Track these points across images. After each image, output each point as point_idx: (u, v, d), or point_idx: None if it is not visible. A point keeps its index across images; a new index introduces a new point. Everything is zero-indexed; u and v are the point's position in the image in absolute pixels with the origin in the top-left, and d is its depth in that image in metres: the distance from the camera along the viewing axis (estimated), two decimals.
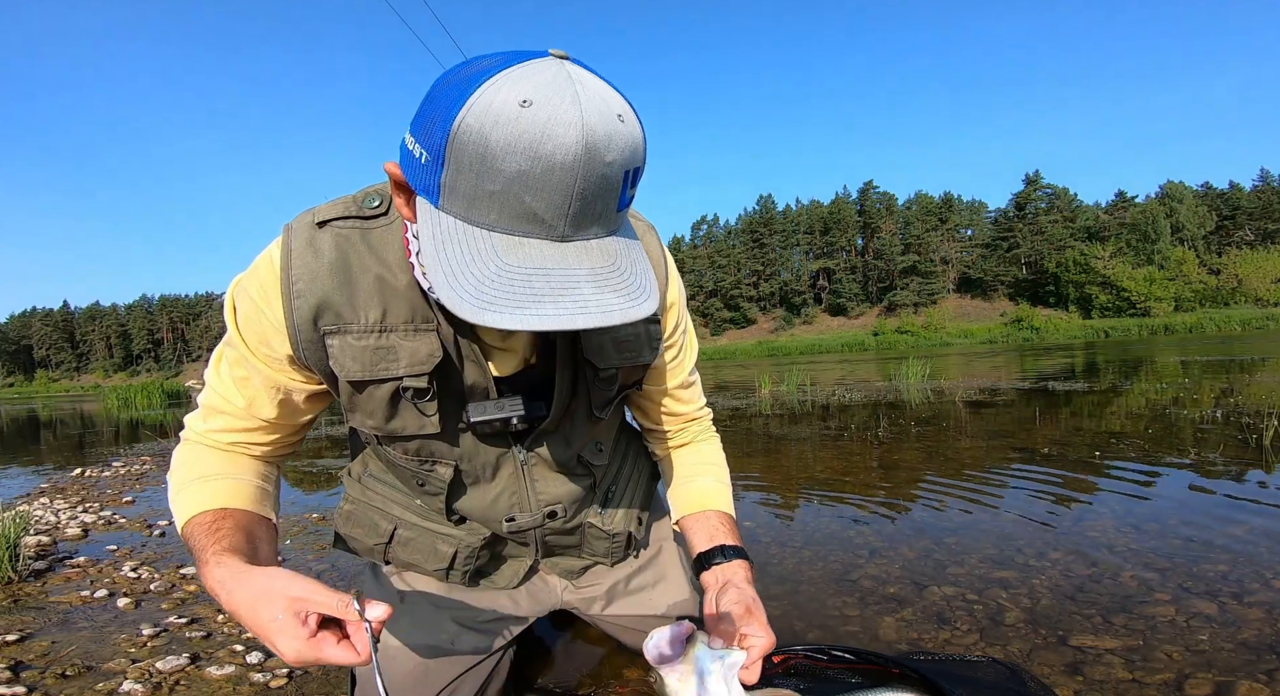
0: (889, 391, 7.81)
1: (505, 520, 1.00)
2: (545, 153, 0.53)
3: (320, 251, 0.77)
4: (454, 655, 1.05)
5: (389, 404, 0.83)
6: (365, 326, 0.78)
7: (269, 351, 0.82)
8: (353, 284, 0.77)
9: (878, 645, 1.42)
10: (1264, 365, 8.58)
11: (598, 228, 0.60)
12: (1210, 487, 2.57)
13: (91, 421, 11.38)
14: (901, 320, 61.09)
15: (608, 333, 0.89)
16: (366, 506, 1.08)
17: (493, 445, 0.94)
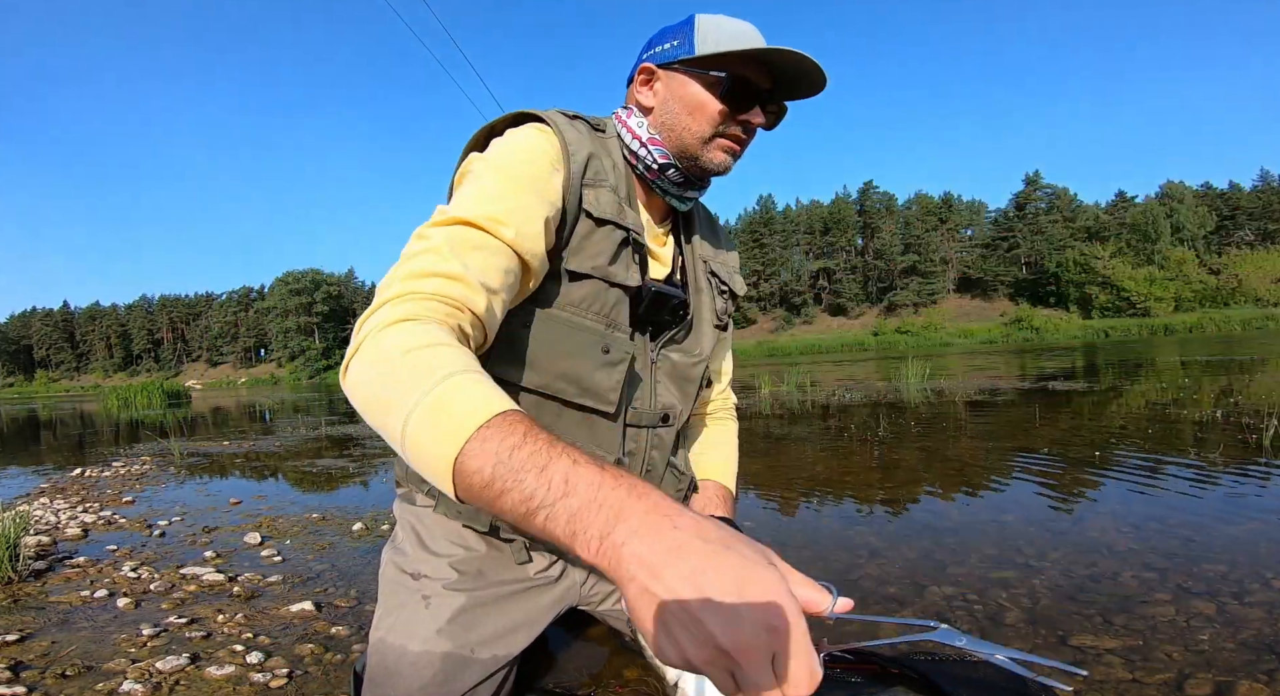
0: (889, 391, 7.81)
1: (631, 407, 1.07)
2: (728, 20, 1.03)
3: (580, 130, 0.99)
4: (473, 664, 1.05)
5: (617, 246, 0.98)
6: (613, 184, 0.99)
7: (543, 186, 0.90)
8: (602, 157, 1.00)
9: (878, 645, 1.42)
10: (1264, 365, 8.58)
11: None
12: (1210, 487, 2.57)
13: (91, 421, 11.38)
14: (901, 320, 61.07)
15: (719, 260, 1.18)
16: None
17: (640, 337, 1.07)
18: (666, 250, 1.12)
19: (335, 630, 1.62)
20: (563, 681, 1.34)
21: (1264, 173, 59.73)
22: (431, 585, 1.08)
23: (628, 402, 1.05)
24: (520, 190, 0.86)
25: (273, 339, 79.46)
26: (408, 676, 1.03)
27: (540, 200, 0.88)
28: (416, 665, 1.03)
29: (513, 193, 0.85)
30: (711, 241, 1.20)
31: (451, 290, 0.74)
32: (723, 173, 1.04)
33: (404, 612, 1.08)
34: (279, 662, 1.44)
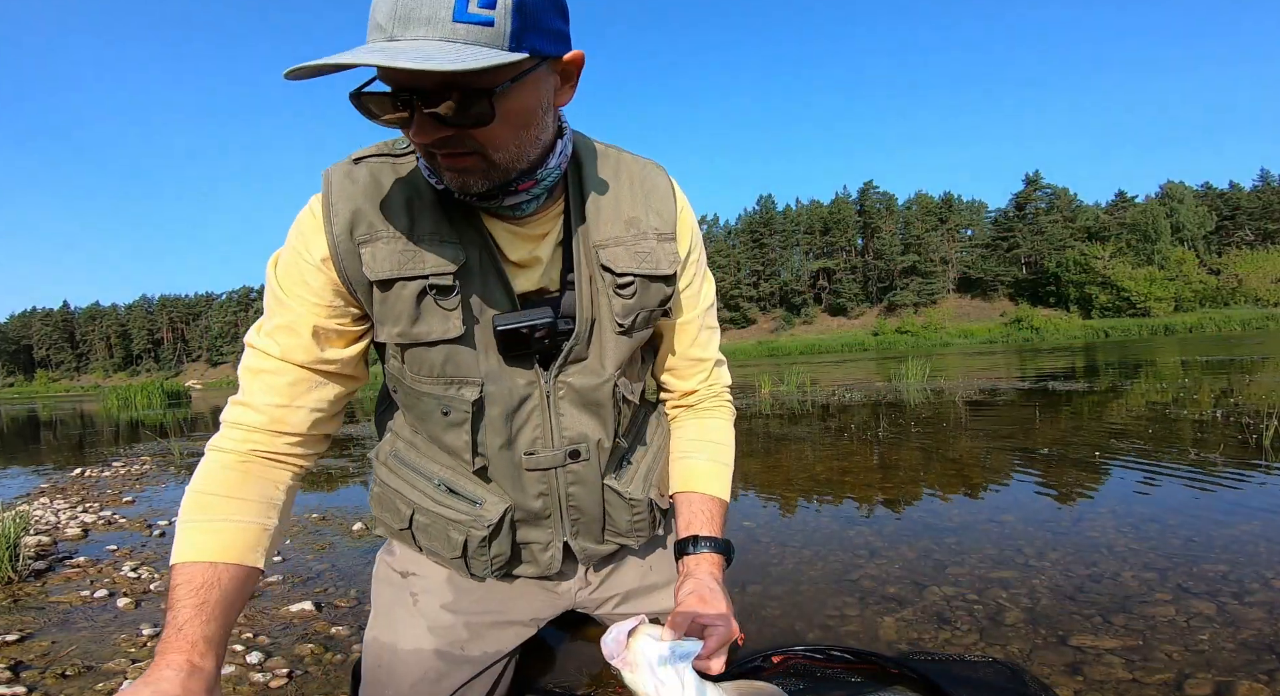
0: (889, 391, 7.81)
1: (525, 453, 0.96)
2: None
3: (356, 179, 0.86)
4: (465, 661, 1.05)
5: (415, 303, 0.86)
6: (394, 234, 0.85)
7: (306, 291, 0.88)
8: (385, 201, 0.85)
9: (878, 645, 1.42)
10: (1264, 365, 8.58)
11: (425, 33, 0.64)
12: (1210, 487, 2.57)
13: (91, 421, 11.38)
14: (901, 320, 61.09)
15: (619, 245, 0.94)
16: (389, 489, 1.06)
17: (520, 368, 0.93)
18: (541, 252, 0.92)
19: (335, 630, 1.62)
20: (563, 681, 1.34)
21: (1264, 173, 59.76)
22: (420, 583, 1.09)
23: (513, 450, 0.96)
24: (282, 305, 0.89)
25: None
26: (400, 674, 1.03)
27: (305, 305, 0.88)
28: (408, 663, 1.03)
29: (278, 310, 0.90)
30: (617, 220, 0.94)
31: (252, 420, 0.91)
32: (461, 194, 0.81)
33: (394, 611, 1.08)
34: (279, 662, 1.44)
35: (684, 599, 0.91)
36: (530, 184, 0.84)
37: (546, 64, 0.74)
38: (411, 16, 0.64)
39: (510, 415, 0.94)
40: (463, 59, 0.61)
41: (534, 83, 0.73)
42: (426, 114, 0.68)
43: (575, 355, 0.95)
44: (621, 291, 0.94)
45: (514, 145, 0.76)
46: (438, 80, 0.66)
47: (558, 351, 0.93)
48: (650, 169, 1.00)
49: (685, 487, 1.08)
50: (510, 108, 0.72)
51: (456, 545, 1.00)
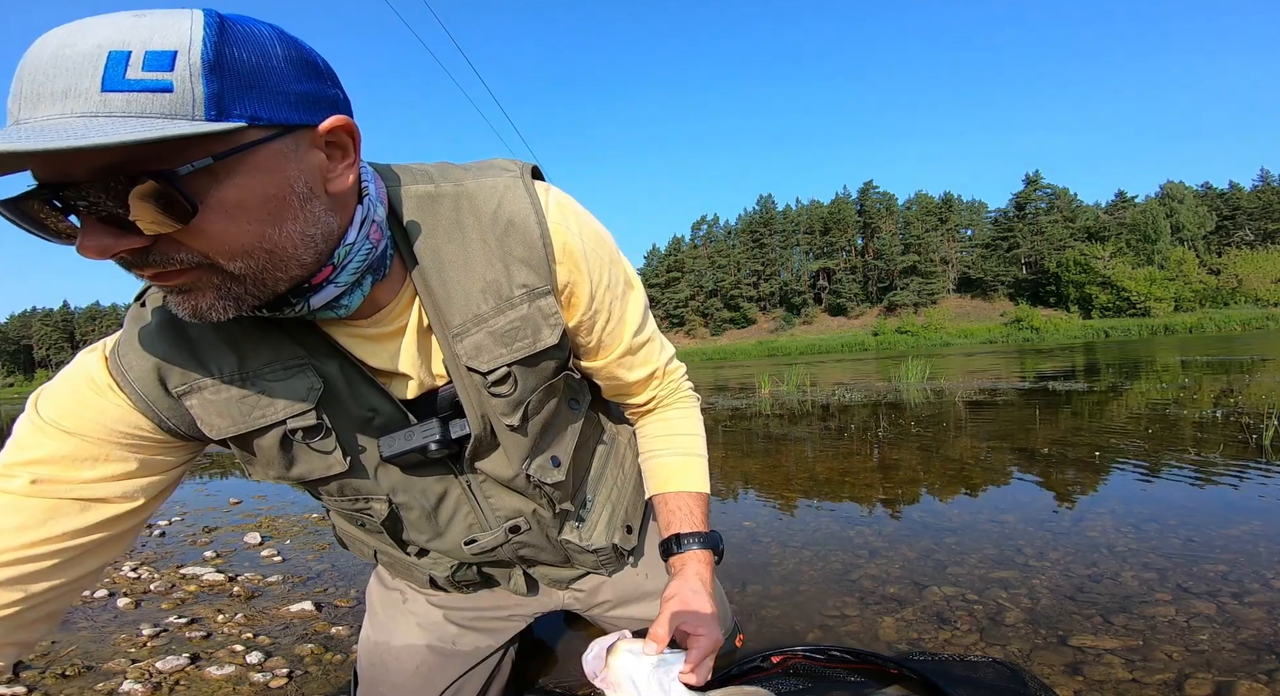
0: (889, 391, 7.81)
1: (465, 542, 0.90)
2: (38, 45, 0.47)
3: (144, 319, 0.67)
4: (456, 655, 1.05)
5: (281, 451, 0.73)
6: (221, 377, 0.67)
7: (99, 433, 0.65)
8: (190, 339, 0.67)
9: (878, 645, 1.42)
10: (1264, 365, 8.58)
11: (63, 106, 0.46)
12: (1210, 488, 2.57)
13: None
14: (901, 320, 61.09)
15: (481, 327, 0.75)
16: (346, 532, 1.02)
17: (428, 474, 0.83)
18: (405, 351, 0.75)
19: (335, 630, 1.62)
20: (562, 681, 1.34)
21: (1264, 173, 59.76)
22: (410, 582, 1.09)
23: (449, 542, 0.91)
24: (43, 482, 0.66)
25: None
26: (393, 671, 1.04)
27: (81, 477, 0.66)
28: (400, 660, 1.04)
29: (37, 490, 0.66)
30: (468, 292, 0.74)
31: None
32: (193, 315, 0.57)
33: (385, 610, 1.08)
34: (279, 662, 1.44)
35: (665, 605, 0.85)
36: (329, 271, 0.62)
37: (291, 136, 0.54)
38: (42, 91, 0.46)
39: (432, 513, 0.87)
40: (106, 132, 0.43)
41: (269, 160, 0.53)
42: (97, 219, 0.49)
43: (483, 450, 0.84)
44: (498, 389, 0.78)
45: (258, 247, 0.55)
46: (90, 167, 0.47)
47: (459, 452, 0.82)
48: (499, 194, 0.74)
49: (659, 489, 0.99)
50: (229, 196, 0.51)
51: (423, 581, 1.01)
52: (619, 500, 1.05)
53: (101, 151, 0.46)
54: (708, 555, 0.93)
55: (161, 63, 0.47)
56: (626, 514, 1.06)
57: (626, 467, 1.09)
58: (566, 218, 0.78)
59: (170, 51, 0.47)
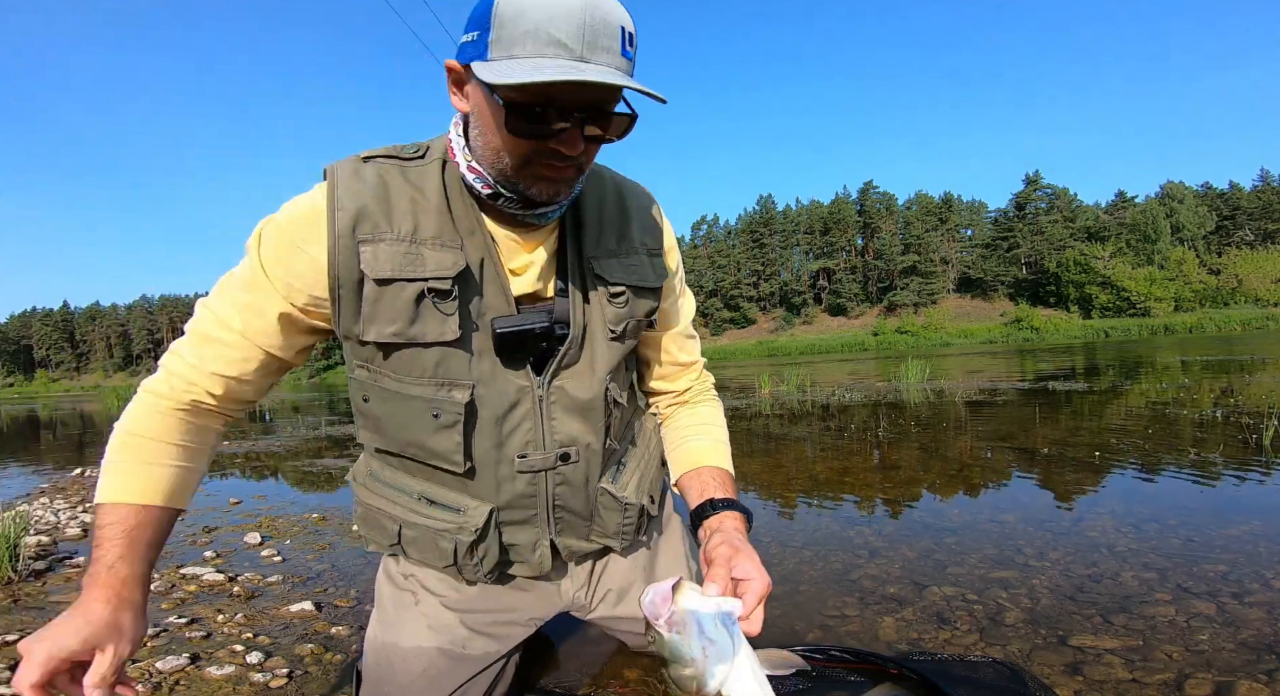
0: (889, 391, 7.81)
1: (518, 456, 0.97)
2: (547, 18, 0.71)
3: (363, 177, 0.87)
4: (465, 659, 1.07)
5: (413, 305, 0.86)
6: (398, 236, 0.86)
7: (289, 277, 0.87)
8: (390, 203, 0.87)
9: (878, 645, 1.42)
10: (1264, 365, 8.58)
11: (609, 60, 0.73)
12: (1210, 488, 2.57)
13: (91, 421, 11.38)
14: (901, 320, 61.07)
15: (611, 257, 0.99)
16: (371, 509, 1.07)
17: (513, 370, 0.94)
18: (537, 260, 0.94)
19: (335, 630, 1.63)
20: (563, 681, 1.34)
21: (1264, 173, 59.73)
22: (422, 584, 1.10)
23: (501, 453, 0.97)
24: (258, 285, 0.88)
25: None
26: (400, 672, 1.05)
27: (282, 291, 0.88)
28: (408, 661, 1.05)
29: (251, 287, 0.89)
30: (610, 234, 0.99)
31: (195, 379, 0.90)
32: (550, 203, 0.86)
33: (396, 610, 1.10)
34: (279, 662, 1.44)
35: (715, 550, 0.89)
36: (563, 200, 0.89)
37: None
38: (597, 43, 0.72)
39: (501, 419, 0.95)
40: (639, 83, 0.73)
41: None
42: (582, 131, 0.78)
43: (569, 360, 0.97)
44: (614, 300, 0.98)
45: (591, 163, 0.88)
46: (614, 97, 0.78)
47: (551, 356, 0.95)
48: (640, 191, 1.07)
49: (693, 465, 1.10)
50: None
51: (447, 554, 1.01)
52: (645, 470, 1.15)
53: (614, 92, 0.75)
54: (742, 518, 1.01)
55: (632, 42, 0.76)
56: (650, 485, 1.15)
57: (652, 446, 1.20)
58: (670, 227, 1.11)
59: (632, 35, 0.76)
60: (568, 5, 0.71)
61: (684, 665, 0.75)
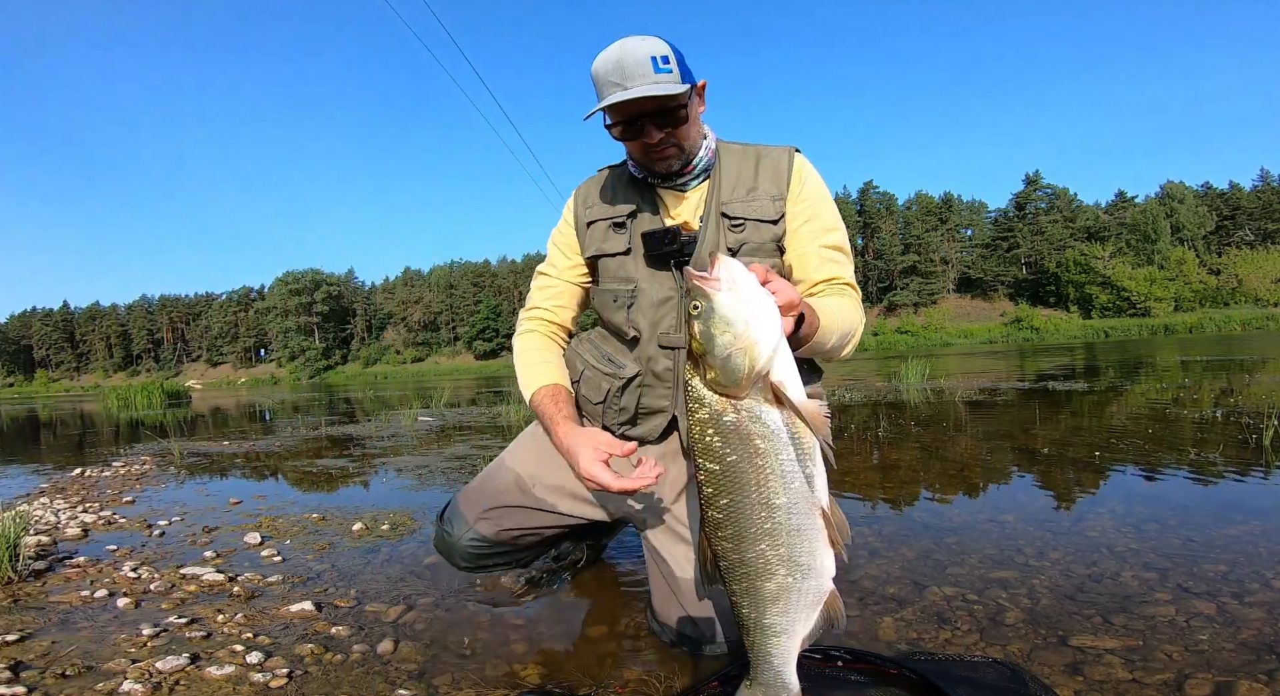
0: (889, 391, 7.81)
1: (662, 332, 1.39)
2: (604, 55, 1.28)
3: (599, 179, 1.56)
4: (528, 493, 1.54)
5: (605, 231, 1.46)
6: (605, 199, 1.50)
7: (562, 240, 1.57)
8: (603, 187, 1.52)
9: (878, 645, 1.42)
10: (1264, 365, 8.58)
11: (642, 81, 1.25)
12: (1210, 488, 2.57)
13: (91, 421, 11.38)
14: (902, 320, 61.04)
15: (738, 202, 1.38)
16: (574, 353, 1.55)
17: (663, 271, 1.39)
18: (686, 208, 1.43)
19: (335, 630, 1.62)
20: (563, 681, 1.34)
21: (1264, 172, 59.67)
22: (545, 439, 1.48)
23: (655, 329, 1.40)
24: (556, 249, 1.58)
25: (273, 339, 79.41)
26: (491, 481, 1.61)
27: (564, 249, 1.56)
28: (499, 474, 1.60)
29: (553, 252, 1.59)
30: (742, 187, 1.40)
31: (540, 315, 1.58)
32: (667, 170, 1.39)
33: (522, 441, 1.63)
34: (279, 662, 1.44)
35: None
36: (690, 169, 1.41)
37: (693, 89, 1.33)
38: (634, 73, 1.24)
39: (657, 305, 1.40)
40: (669, 88, 1.24)
41: (693, 101, 1.34)
42: (654, 127, 1.30)
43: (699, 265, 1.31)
44: (734, 229, 1.38)
45: (692, 137, 1.36)
46: (659, 103, 1.27)
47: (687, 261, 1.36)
48: (777, 153, 1.45)
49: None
50: (690, 115, 1.33)
51: (602, 391, 1.46)
52: None
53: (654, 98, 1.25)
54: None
55: (667, 61, 1.26)
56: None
57: None
58: (806, 165, 1.46)
59: (666, 55, 1.27)
60: (610, 57, 1.26)
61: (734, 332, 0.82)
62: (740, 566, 0.92)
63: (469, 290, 74.05)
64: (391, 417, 7.98)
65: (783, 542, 0.89)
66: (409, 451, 4.96)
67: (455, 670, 1.40)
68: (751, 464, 0.87)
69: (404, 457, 4.64)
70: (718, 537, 0.93)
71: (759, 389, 0.86)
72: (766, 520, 0.88)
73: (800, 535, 0.89)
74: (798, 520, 0.88)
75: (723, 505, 0.90)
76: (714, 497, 0.91)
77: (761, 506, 0.88)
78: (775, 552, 0.90)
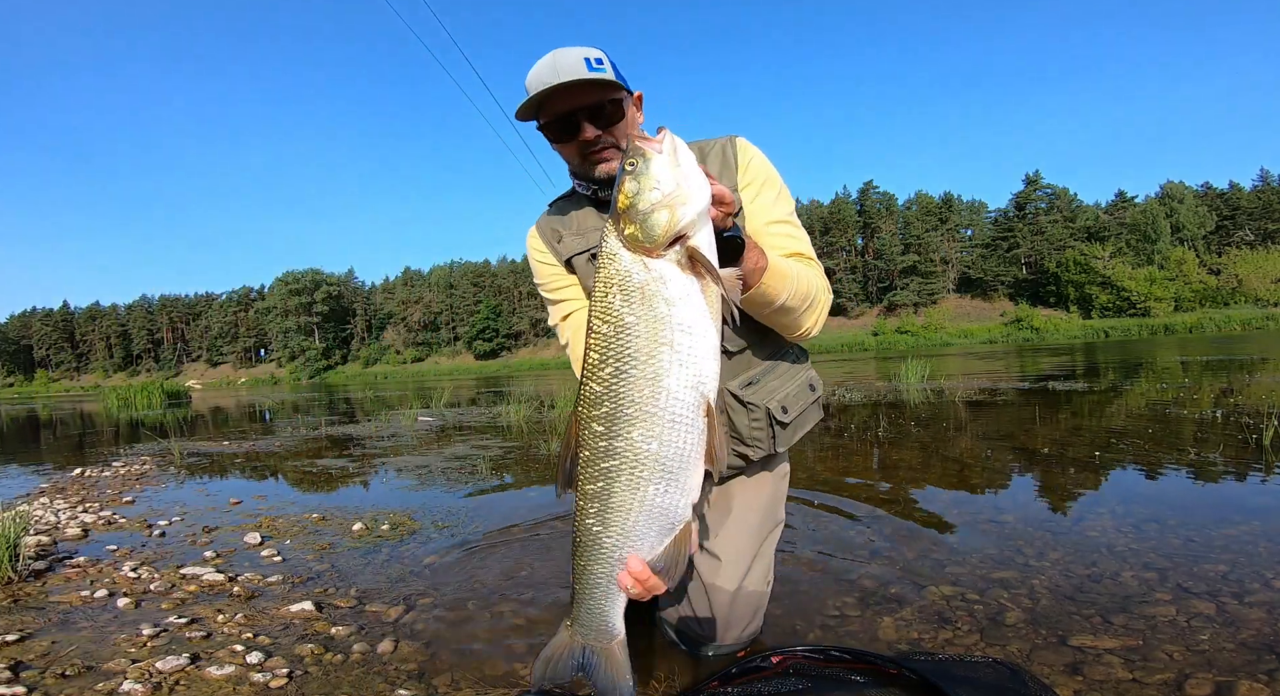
0: (889, 391, 7.81)
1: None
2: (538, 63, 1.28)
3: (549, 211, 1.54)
4: None
5: (588, 263, 1.42)
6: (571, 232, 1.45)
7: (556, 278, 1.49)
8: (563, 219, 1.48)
9: (878, 645, 1.42)
10: (1264, 365, 8.57)
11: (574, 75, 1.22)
12: (1210, 488, 2.57)
13: (91, 421, 11.38)
14: (901, 320, 61.01)
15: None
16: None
17: None
18: None
19: (335, 630, 1.62)
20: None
21: (1264, 173, 59.63)
22: None
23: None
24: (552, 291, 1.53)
25: (273, 339, 79.40)
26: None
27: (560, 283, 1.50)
28: None
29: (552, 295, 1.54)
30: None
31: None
32: (608, 173, 1.32)
33: None
34: (279, 662, 1.44)
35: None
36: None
37: (630, 97, 1.35)
38: (564, 71, 1.22)
39: None
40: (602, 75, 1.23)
41: (632, 105, 1.36)
42: (589, 123, 1.28)
43: None
44: None
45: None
46: (595, 98, 1.26)
47: None
48: (720, 144, 1.44)
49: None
50: (627, 116, 1.32)
51: None
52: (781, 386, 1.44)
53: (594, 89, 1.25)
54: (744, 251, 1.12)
55: (600, 62, 1.27)
56: (785, 399, 1.43)
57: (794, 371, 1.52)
58: (748, 146, 1.44)
59: (599, 58, 1.28)
60: (544, 62, 1.26)
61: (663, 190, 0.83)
62: (603, 459, 0.85)
63: (469, 290, 74.03)
64: (391, 418, 7.98)
65: (657, 435, 0.83)
66: (409, 451, 4.95)
67: (455, 670, 1.40)
68: (648, 329, 0.83)
69: (404, 457, 4.64)
70: (590, 417, 0.86)
71: (676, 253, 0.83)
72: (650, 400, 0.83)
73: (678, 429, 0.83)
74: (681, 409, 0.83)
75: (605, 375, 0.85)
76: (599, 366, 0.85)
77: (648, 381, 0.83)
78: (647, 446, 0.83)
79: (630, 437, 0.84)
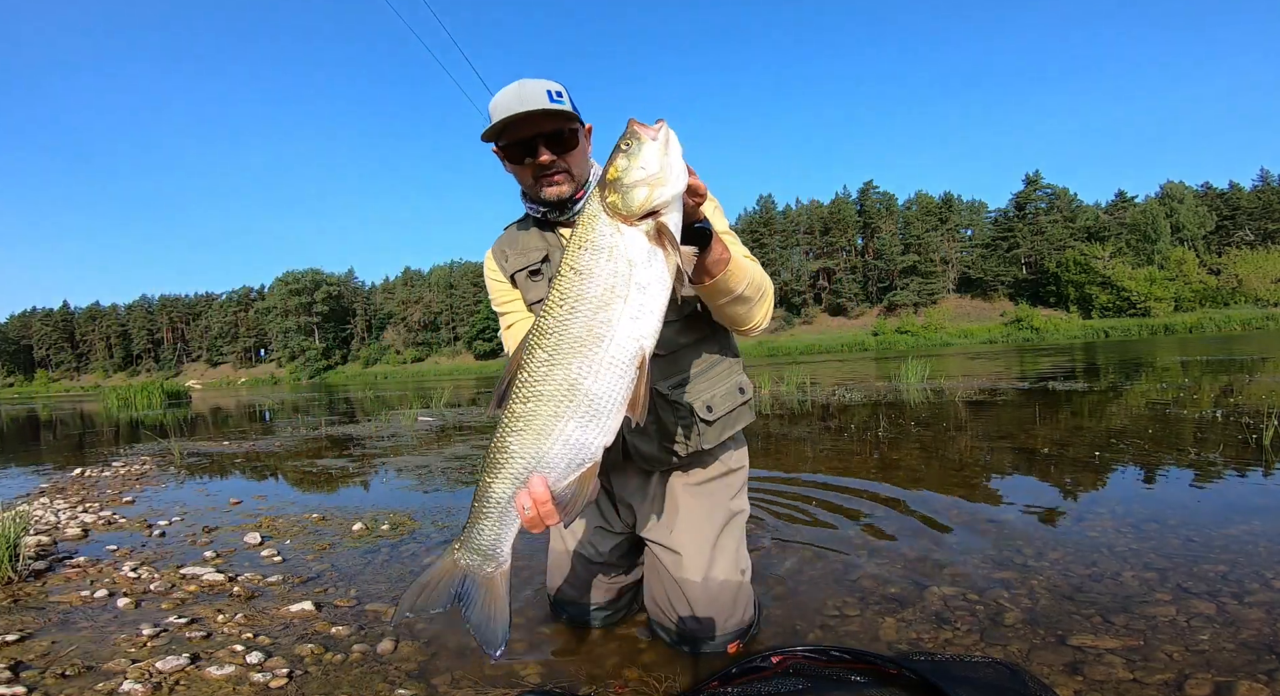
0: (889, 391, 7.81)
1: None
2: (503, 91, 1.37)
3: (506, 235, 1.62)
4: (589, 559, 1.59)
5: (527, 279, 1.52)
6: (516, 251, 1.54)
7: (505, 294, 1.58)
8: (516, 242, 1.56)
9: (878, 645, 1.42)
10: (1264, 365, 8.57)
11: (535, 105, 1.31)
12: (1210, 488, 2.57)
13: (91, 421, 11.38)
14: (901, 320, 61.02)
15: None
16: None
17: None
18: None
19: (335, 630, 1.62)
20: (562, 681, 1.34)
21: (1264, 173, 59.64)
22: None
23: None
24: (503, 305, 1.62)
25: (273, 339, 79.39)
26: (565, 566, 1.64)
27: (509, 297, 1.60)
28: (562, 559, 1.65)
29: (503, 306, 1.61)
30: None
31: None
32: (558, 196, 1.43)
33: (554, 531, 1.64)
34: (279, 662, 1.44)
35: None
36: (581, 194, 1.47)
37: (584, 129, 1.44)
38: (526, 100, 1.32)
39: None
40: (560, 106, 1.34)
41: (584, 136, 1.45)
42: (546, 148, 1.37)
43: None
44: None
45: (582, 165, 1.45)
46: (554, 125, 1.36)
47: None
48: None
49: None
50: (580, 144, 1.42)
51: None
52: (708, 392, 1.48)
53: (554, 118, 1.36)
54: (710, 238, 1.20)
55: (561, 95, 1.38)
56: (709, 401, 1.47)
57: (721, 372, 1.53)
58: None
59: (560, 91, 1.39)
60: (509, 91, 1.36)
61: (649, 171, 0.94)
62: (540, 382, 0.95)
63: (469, 290, 74.00)
64: (391, 418, 7.98)
65: (594, 372, 0.94)
66: (409, 451, 4.96)
67: (455, 670, 1.40)
68: (608, 281, 0.94)
69: (404, 457, 4.64)
70: (537, 345, 0.96)
71: (647, 225, 0.96)
72: (595, 340, 0.93)
73: (613, 371, 0.94)
74: (621, 354, 0.94)
75: (560, 313, 0.96)
76: (558, 304, 0.96)
77: (601, 324, 0.94)
78: (583, 380, 0.93)
79: (569, 367, 0.95)
